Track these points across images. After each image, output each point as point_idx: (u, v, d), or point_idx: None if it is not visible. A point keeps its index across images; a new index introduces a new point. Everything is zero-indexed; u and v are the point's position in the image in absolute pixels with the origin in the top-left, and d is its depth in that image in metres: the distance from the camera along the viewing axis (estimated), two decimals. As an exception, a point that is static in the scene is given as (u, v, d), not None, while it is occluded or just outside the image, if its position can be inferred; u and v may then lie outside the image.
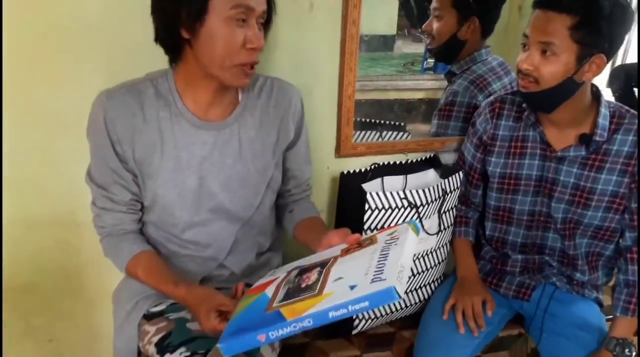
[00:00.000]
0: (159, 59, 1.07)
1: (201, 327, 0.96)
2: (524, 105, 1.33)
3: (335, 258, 0.93)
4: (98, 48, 1.20)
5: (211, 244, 1.17)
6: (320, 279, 0.85)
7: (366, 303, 0.76)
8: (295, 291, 0.85)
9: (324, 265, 0.91)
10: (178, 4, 0.96)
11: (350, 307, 0.76)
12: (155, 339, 1.06)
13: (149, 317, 1.12)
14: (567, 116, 1.25)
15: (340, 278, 0.83)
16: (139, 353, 1.14)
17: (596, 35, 1.14)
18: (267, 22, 1.05)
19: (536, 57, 1.18)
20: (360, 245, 0.95)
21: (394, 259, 0.83)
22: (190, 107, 1.08)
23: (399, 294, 0.74)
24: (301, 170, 1.27)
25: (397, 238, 0.91)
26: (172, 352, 1.01)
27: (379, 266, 0.82)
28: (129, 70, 1.11)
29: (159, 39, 1.04)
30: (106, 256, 1.15)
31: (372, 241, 0.95)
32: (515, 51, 1.79)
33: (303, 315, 0.78)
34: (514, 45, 1.83)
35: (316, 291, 0.82)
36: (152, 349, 1.06)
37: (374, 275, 0.79)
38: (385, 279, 0.77)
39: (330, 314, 0.77)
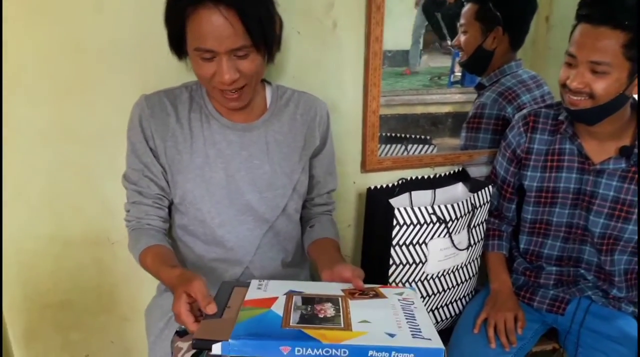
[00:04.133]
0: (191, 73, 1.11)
1: (172, 308, 0.91)
2: (560, 118, 1.31)
3: (344, 298, 0.93)
4: (131, 66, 1.24)
5: (237, 245, 1.17)
6: (342, 316, 0.87)
7: (412, 355, 0.78)
8: (312, 319, 0.85)
9: (333, 301, 0.92)
10: (171, 29, 1.02)
11: (393, 354, 0.78)
12: (189, 355, 1.07)
13: (181, 333, 1.14)
14: (608, 129, 1.23)
15: (366, 322, 0.85)
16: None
17: None
18: (267, 50, 1.04)
19: (587, 75, 1.14)
20: (363, 292, 0.98)
21: (425, 322, 0.87)
22: (219, 110, 1.14)
23: None
24: (324, 179, 1.28)
25: (412, 302, 0.94)
26: None
27: (411, 324, 0.86)
28: (161, 86, 1.15)
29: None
30: (129, 249, 1.14)
31: (377, 294, 0.97)
32: (545, 63, 1.77)
33: (341, 343, 0.78)
34: (544, 57, 1.81)
35: (342, 326, 0.84)
36: None
37: (412, 331, 0.83)
38: (430, 339, 0.81)
39: (370, 353, 0.79)
